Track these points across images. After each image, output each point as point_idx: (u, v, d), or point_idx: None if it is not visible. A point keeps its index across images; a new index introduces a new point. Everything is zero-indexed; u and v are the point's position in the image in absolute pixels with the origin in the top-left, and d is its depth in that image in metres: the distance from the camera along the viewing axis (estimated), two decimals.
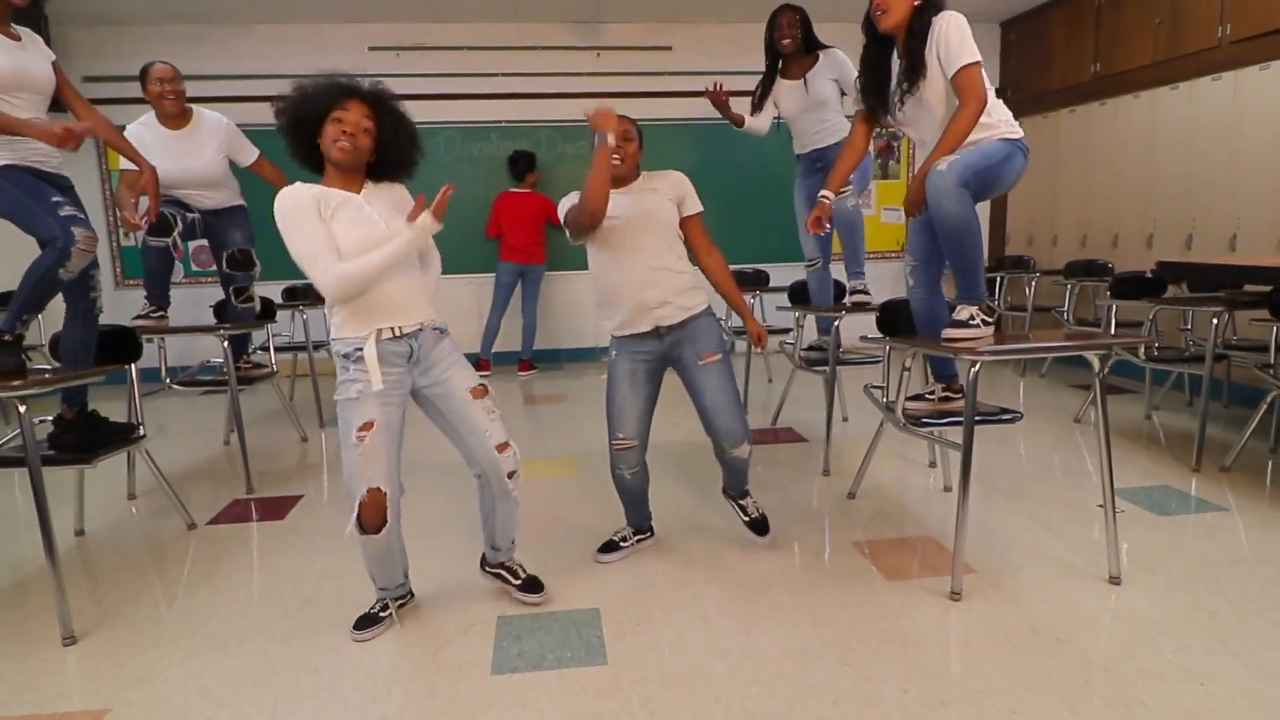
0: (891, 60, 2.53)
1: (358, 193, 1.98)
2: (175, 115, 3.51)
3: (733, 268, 5.42)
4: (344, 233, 1.89)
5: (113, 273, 6.12)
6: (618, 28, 6.26)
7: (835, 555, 2.56)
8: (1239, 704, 1.73)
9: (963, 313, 2.36)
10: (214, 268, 3.86)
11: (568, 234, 2.37)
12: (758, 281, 5.15)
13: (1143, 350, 3.66)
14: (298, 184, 1.94)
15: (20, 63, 2.46)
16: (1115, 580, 2.30)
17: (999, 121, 2.41)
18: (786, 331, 5.08)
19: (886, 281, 6.13)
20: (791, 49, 3.54)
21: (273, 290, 5.50)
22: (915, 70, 2.40)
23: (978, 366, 2.17)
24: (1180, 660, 1.90)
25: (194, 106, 3.59)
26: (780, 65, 3.65)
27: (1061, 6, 5.84)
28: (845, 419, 4.40)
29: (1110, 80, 5.41)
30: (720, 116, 3.89)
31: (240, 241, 3.69)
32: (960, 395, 2.77)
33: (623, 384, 2.38)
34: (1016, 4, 5.96)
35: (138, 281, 6.02)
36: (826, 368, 3.83)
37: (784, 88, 3.63)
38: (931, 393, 2.74)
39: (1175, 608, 2.15)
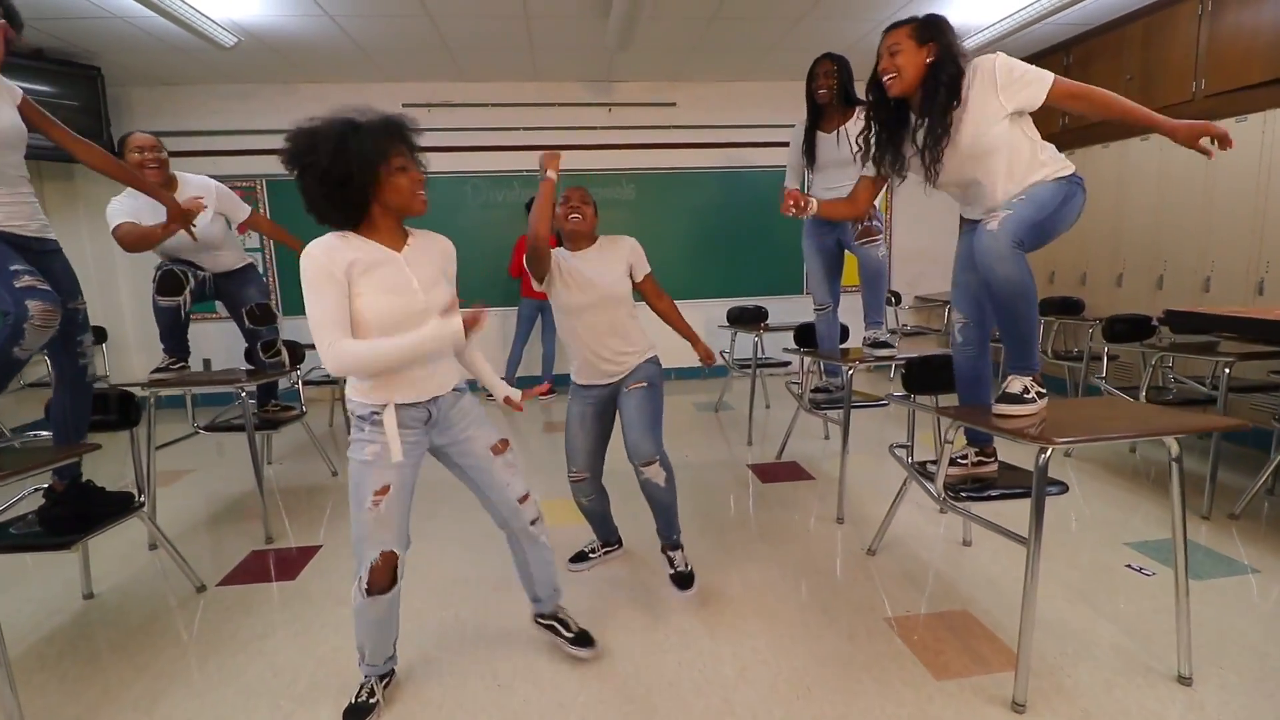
0: (908, 120, 1.96)
1: (400, 248, 1.51)
2: (159, 184, 2.65)
3: (733, 304, 4.87)
4: (375, 299, 1.43)
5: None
6: (627, 86, 5.66)
7: (870, 639, 1.94)
8: None
9: (1015, 384, 1.76)
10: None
11: (533, 280, 2.13)
12: (757, 319, 4.54)
13: (1144, 393, 3.05)
14: (331, 237, 1.45)
15: None
16: (1186, 680, 1.70)
17: (1049, 160, 1.86)
18: (786, 365, 4.50)
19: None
20: (828, 99, 2.90)
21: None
22: (937, 133, 1.85)
23: (1049, 454, 1.57)
24: None
25: (176, 173, 2.85)
26: (820, 117, 2.99)
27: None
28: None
29: (1079, 132, 4.80)
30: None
31: (256, 296, 3.08)
32: (993, 459, 2.17)
33: (574, 425, 2.21)
34: None
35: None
36: (834, 411, 3.23)
37: (819, 139, 3.00)
38: (964, 457, 2.13)
39: None
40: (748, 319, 4.53)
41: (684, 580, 2.17)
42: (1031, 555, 1.57)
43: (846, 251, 3.11)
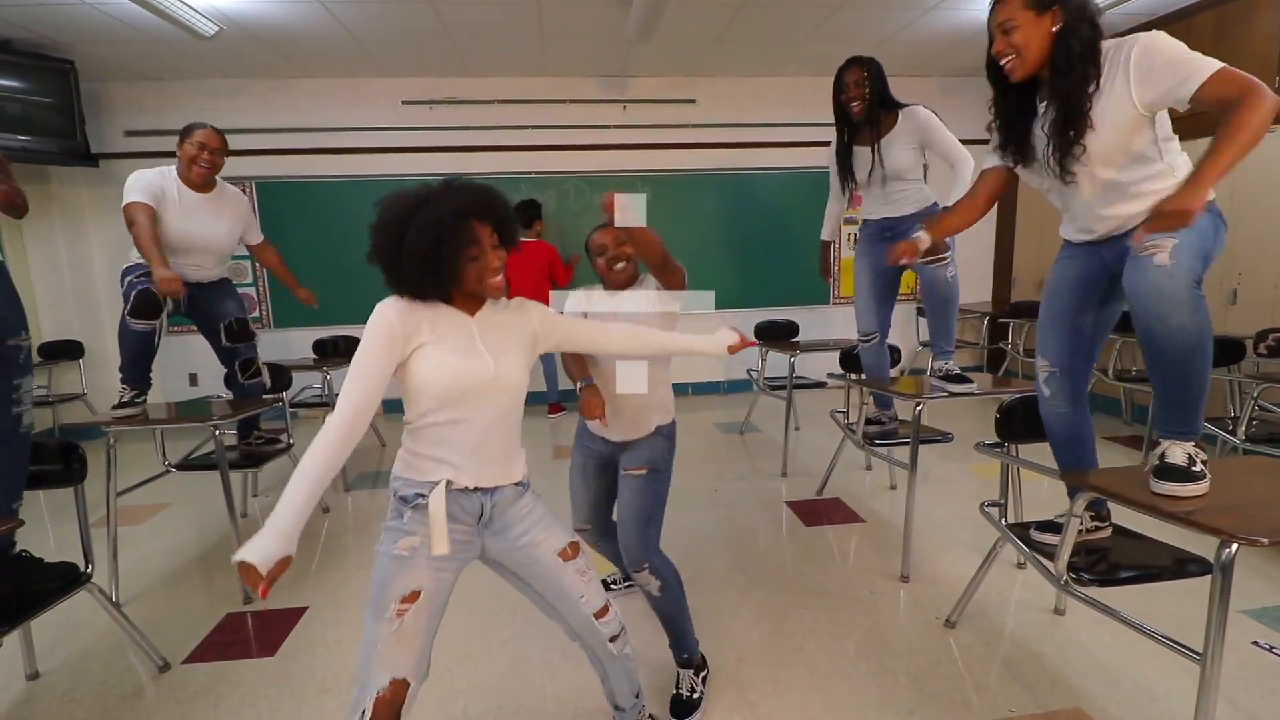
0: (1034, 106, 1.65)
1: (473, 314, 1.36)
2: (201, 184, 2.69)
3: (761, 319, 4.51)
4: (439, 360, 1.28)
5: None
6: (643, 81, 5.33)
7: None
8: None
9: (1177, 453, 1.42)
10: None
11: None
12: (789, 335, 4.20)
13: (1243, 430, 2.71)
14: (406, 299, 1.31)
15: None
16: None
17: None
18: (822, 385, 4.16)
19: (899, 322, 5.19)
20: (862, 113, 2.51)
21: (304, 336, 4.62)
22: (1073, 120, 1.52)
23: (1234, 550, 1.23)
24: None
25: (216, 177, 2.77)
26: (854, 129, 2.61)
27: None
28: (893, 487, 3.44)
29: None
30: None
31: (235, 311, 2.82)
32: (1108, 523, 1.83)
33: (575, 475, 1.96)
34: None
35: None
36: (888, 445, 2.89)
37: (856, 154, 2.62)
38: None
39: None
40: (779, 335, 4.19)
41: (681, 708, 1.74)
42: (1209, 684, 1.22)
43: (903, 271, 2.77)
